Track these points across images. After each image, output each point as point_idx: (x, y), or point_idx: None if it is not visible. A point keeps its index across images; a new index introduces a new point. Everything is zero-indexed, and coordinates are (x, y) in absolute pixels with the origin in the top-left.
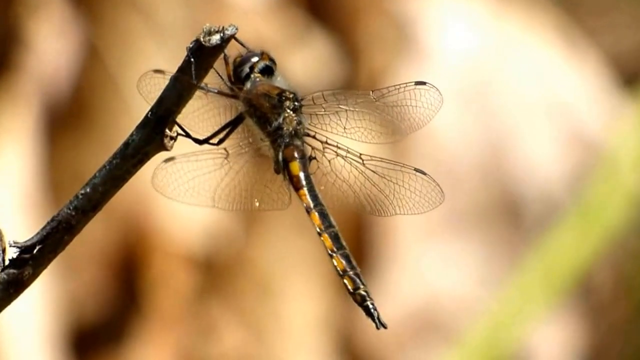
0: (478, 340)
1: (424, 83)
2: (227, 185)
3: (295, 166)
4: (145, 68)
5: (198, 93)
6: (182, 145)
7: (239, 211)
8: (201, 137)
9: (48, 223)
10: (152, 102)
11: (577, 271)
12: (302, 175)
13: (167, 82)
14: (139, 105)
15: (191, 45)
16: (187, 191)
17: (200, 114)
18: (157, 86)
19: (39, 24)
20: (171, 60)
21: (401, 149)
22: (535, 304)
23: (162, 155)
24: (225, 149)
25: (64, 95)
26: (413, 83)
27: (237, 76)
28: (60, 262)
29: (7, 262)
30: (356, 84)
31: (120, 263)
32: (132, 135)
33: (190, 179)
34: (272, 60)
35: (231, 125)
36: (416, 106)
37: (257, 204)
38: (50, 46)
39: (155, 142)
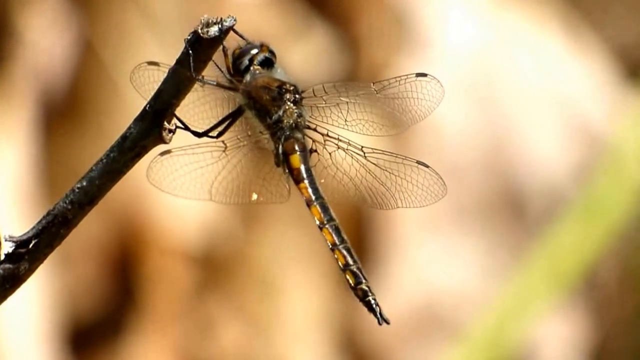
0: (482, 336)
1: (425, 75)
2: (225, 179)
3: (296, 159)
4: (142, 61)
5: (195, 85)
6: (177, 138)
7: (236, 205)
8: (199, 130)
9: (44, 217)
10: (146, 95)
11: (582, 265)
12: (302, 168)
13: (162, 74)
14: (135, 98)
15: (189, 37)
16: (184, 184)
17: (196, 106)
18: (151, 78)
19: (33, 16)
20: (168, 53)
21: (404, 142)
22: (539, 298)
23: (158, 148)
24: (223, 141)
25: (59, 88)
26: (414, 75)
27: (236, 68)
28: (56, 257)
29: (2, 257)
30: (357, 77)
31: (116, 258)
32: (129, 128)
33: (187, 172)
34: (271, 52)
35: (230, 118)
36: (417, 98)
37: (255, 198)
38: (45, 39)
39: (153, 135)
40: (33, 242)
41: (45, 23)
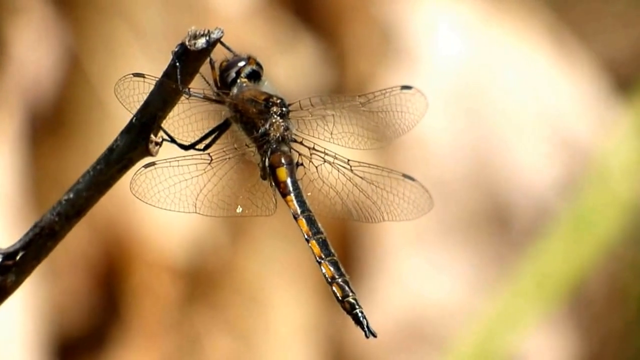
0: (468, 349)
1: (409, 87)
2: (210, 191)
3: (282, 172)
4: (128, 73)
5: (181, 98)
6: (162, 150)
7: (222, 217)
8: (186, 143)
9: (31, 229)
10: (130, 107)
11: (569, 280)
12: (289, 181)
13: (148, 86)
14: (121, 111)
15: (176, 49)
16: (168, 197)
17: (183, 118)
18: (136, 90)
19: (20, 30)
20: (154, 66)
21: (389, 155)
22: (526, 312)
23: (145, 160)
24: (209, 154)
25: (46, 101)
26: (399, 87)
27: (224, 81)
28: (43, 269)
29: None
30: (343, 90)
31: (102, 271)
32: (116, 140)
33: (171, 184)
34: (259, 65)
35: (217, 131)
36: (402, 111)
37: (241, 210)
38: (32, 52)
39: (140, 147)
40: (20, 254)
41: (32, 37)
